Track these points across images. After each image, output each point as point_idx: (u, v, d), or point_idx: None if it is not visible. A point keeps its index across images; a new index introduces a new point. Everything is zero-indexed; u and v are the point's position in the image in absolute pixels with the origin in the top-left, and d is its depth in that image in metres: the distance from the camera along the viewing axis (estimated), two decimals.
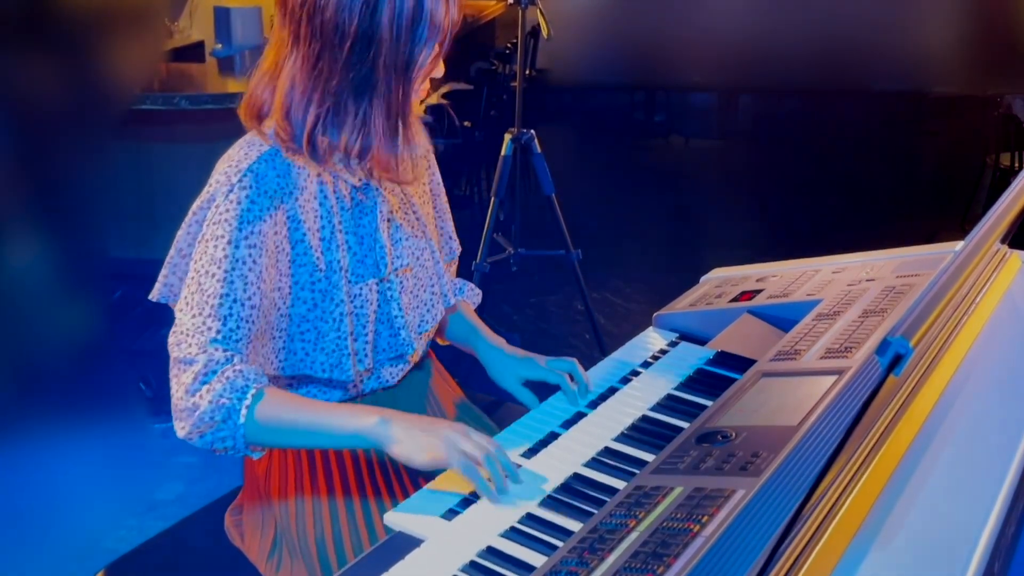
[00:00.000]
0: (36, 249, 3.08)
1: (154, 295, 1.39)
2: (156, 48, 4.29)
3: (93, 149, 3.36)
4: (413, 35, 1.27)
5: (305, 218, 1.34)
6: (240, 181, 1.29)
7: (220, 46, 4.47)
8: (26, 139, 3.12)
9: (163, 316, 1.37)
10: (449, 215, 1.63)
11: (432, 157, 1.59)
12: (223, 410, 1.24)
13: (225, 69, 4.24)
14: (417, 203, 1.50)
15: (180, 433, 1.27)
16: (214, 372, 1.25)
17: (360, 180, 1.39)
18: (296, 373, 1.39)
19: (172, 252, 1.36)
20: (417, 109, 1.37)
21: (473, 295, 1.69)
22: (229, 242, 1.27)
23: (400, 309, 1.44)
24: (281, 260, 1.33)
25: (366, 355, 1.42)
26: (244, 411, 1.24)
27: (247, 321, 1.28)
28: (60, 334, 3.06)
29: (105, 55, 3.27)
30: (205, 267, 1.27)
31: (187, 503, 2.59)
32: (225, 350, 1.26)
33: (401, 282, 1.45)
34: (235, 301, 1.27)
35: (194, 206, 1.33)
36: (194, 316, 1.26)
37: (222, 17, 4.46)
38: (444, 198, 1.62)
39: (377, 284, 1.42)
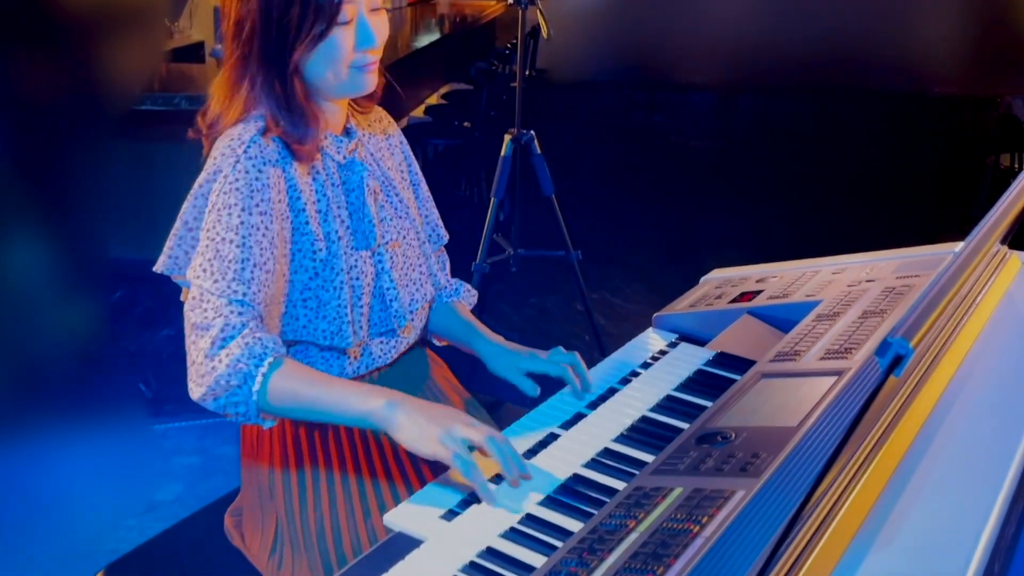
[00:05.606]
0: (36, 249, 3.08)
1: (159, 267, 1.41)
2: (156, 48, 4.28)
3: (93, 149, 3.36)
4: (283, 18, 1.31)
5: (303, 189, 1.38)
6: (246, 151, 1.32)
7: (220, 46, 4.46)
8: (26, 139, 3.12)
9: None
10: (432, 203, 1.66)
11: (404, 143, 1.62)
12: (239, 375, 1.24)
13: None
14: (398, 186, 1.54)
15: (195, 395, 1.27)
16: (231, 337, 1.26)
17: (344, 158, 1.44)
18: (298, 339, 1.41)
19: (178, 225, 1.38)
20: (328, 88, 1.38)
21: (469, 296, 1.70)
22: (243, 209, 1.30)
23: (392, 281, 1.48)
24: (285, 227, 1.36)
25: (360, 327, 1.44)
26: (260, 378, 1.25)
27: (265, 285, 1.31)
28: (60, 334, 3.06)
29: (105, 55, 3.27)
30: (221, 234, 1.29)
31: (186, 504, 2.59)
32: (241, 313, 1.27)
33: (391, 257, 1.48)
34: (255, 265, 1.30)
35: (199, 180, 1.35)
36: (216, 281, 1.28)
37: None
38: (425, 185, 1.65)
39: (371, 256, 1.45)
